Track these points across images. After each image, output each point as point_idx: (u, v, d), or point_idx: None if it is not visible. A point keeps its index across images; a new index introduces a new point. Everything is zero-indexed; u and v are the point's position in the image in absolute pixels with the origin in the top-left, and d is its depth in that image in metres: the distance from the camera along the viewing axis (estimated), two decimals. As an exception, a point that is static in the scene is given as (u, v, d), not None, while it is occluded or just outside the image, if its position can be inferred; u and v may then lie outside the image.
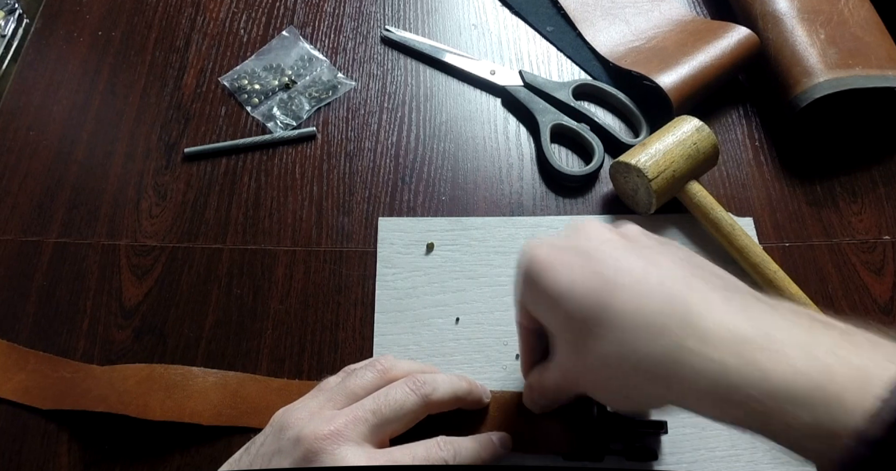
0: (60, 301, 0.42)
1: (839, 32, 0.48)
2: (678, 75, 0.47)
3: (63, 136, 0.49)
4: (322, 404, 0.33)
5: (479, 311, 0.42)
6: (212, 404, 0.38)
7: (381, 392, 0.33)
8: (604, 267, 0.29)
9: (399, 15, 0.55)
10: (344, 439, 0.30)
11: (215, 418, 0.38)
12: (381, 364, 0.36)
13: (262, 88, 0.51)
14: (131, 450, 0.38)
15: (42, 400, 0.39)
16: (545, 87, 0.50)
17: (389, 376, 0.35)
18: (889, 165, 0.49)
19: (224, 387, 0.39)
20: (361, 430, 0.31)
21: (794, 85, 0.47)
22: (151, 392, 0.38)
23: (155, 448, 0.38)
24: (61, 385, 0.39)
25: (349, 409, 0.32)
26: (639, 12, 0.54)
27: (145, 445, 0.38)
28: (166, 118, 0.50)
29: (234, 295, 0.43)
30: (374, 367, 0.35)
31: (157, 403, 0.38)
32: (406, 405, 0.33)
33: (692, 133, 0.43)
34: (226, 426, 0.38)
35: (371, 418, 0.32)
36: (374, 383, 0.34)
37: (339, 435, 0.30)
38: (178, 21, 0.54)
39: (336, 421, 0.31)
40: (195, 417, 0.38)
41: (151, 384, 0.39)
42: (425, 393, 0.34)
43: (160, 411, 0.37)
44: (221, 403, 0.39)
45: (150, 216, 0.46)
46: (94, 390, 0.38)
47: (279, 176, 0.47)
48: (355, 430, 0.31)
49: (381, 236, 0.45)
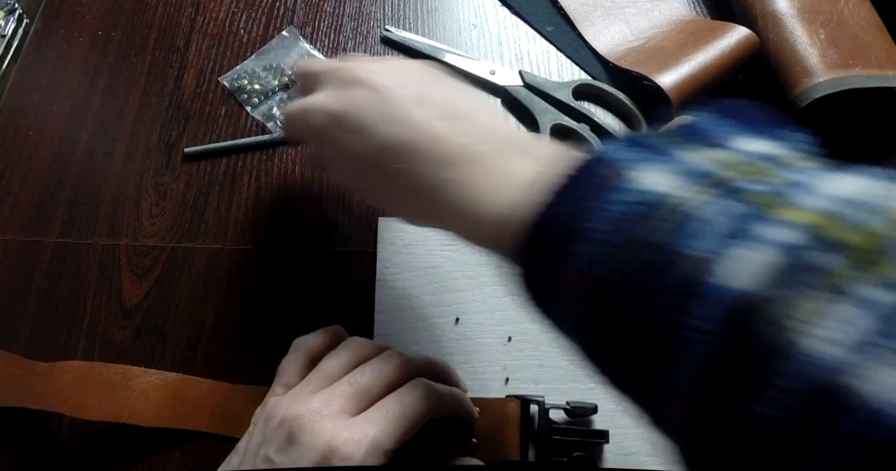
0: (60, 301, 0.42)
1: (839, 32, 0.48)
2: (678, 75, 0.47)
3: (63, 136, 0.49)
4: (301, 388, 0.33)
5: (479, 311, 0.42)
6: (152, 405, 0.37)
7: (357, 368, 0.33)
8: None
9: (399, 15, 0.55)
10: (321, 415, 0.31)
11: (155, 420, 0.37)
12: (356, 343, 0.35)
13: (262, 88, 0.51)
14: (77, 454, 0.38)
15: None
16: (545, 87, 0.50)
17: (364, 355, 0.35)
18: (889, 165, 0.49)
19: (165, 388, 0.38)
20: (339, 402, 0.31)
21: (793, 85, 0.47)
22: (89, 390, 0.37)
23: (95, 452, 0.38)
24: (8, 382, 0.38)
25: (328, 388, 0.33)
26: (639, 12, 0.54)
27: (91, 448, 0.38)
28: (166, 118, 0.50)
29: (234, 295, 0.43)
30: (349, 347, 0.35)
31: (95, 402, 0.37)
32: (384, 370, 0.33)
33: (692, 133, 0.43)
34: (169, 429, 0.37)
35: (348, 389, 0.32)
36: (349, 363, 0.34)
37: (317, 412, 0.31)
38: (179, 21, 0.54)
39: (314, 400, 0.31)
40: (134, 417, 0.37)
41: (89, 382, 0.37)
42: (403, 360, 0.33)
43: (97, 410, 0.37)
44: (162, 404, 0.37)
45: (151, 216, 0.46)
46: (34, 387, 0.37)
47: (279, 176, 0.47)
48: (334, 404, 0.31)
49: (380, 236, 0.45)
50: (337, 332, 0.37)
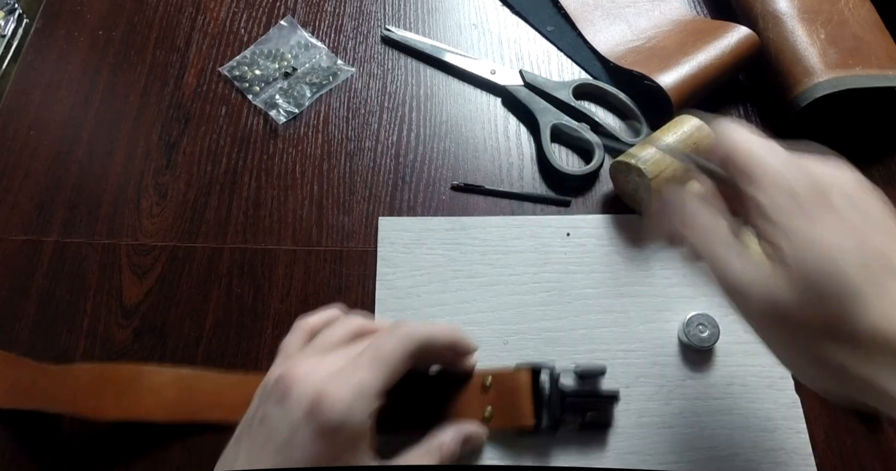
0: (61, 301, 0.42)
1: (839, 32, 0.48)
2: (678, 75, 0.47)
3: (63, 135, 0.49)
4: (298, 355, 0.34)
5: (479, 310, 0.42)
6: (166, 402, 0.38)
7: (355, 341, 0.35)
8: (881, 243, 0.26)
9: (399, 14, 0.55)
10: (313, 371, 0.31)
11: (170, 416, 0.38)
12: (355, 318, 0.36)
13: (262, 75, 0.51)
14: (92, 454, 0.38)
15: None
16: (545, 87, 0.50)
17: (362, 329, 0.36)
18: (889, 164, 0.49)
19: (178, 384, 0.39)
20: (333, 362, 0.32)
21: (794, 84, 0.47)
22: (103, 392, 0.38)
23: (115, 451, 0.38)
24: (20, 384, 0.38)
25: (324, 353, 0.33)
26: (639, 12, 0.54)
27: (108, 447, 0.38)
28: (167, 118, 0.50)
29: (234, 295, 0.43)
30: (349, 321, 0.36)
31: (110, 403, 0.37)
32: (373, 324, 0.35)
33: (692, 132, 0.43)
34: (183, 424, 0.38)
35: (342, 354, 0.33)
36: (347, 334, 0.35)
37: (310, 370, 0.31)
38: (179, 21, 0.54)
39: (309, 362, 0.32)
40: (150, 415, 0.37)
41: (103, 384, 0.38)
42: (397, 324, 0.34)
43: (113, 411, 0.37)
44: (176, 400, 0.38)
45: (151, 216, 0.46)
46: (48, 390, 0.38)
47: (279, 175, 0.47)
48: (327, 364, 0.32)
49: (381, 236, 0.45)
50: (339, 311, 0.37)
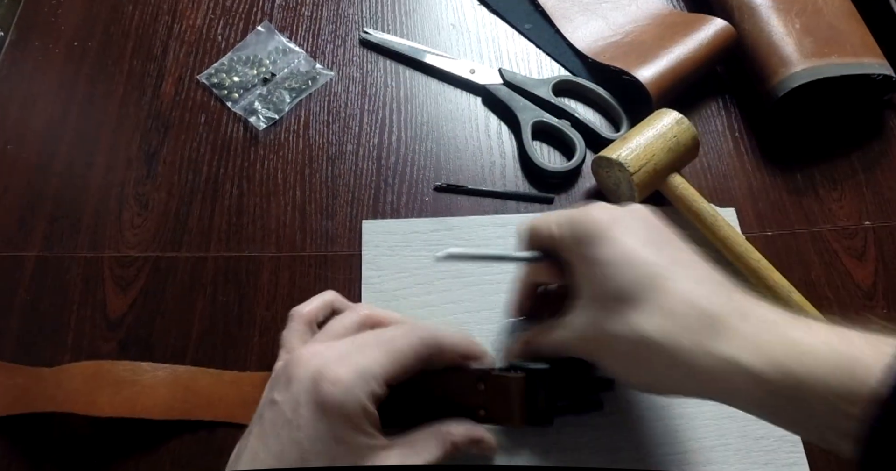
0: (44, 315, 0.42)
1: (814, 21, 0.48)
2: (657, 69, 0.47)
3: (42, 149, 0.48)
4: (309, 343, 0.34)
5: (466, 310, 0.42)
6: (162, 399, 0.38)
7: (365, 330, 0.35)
8: (666, 242, 0.31)
9: (377, 17, 0.55)
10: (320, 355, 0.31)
11: (166, 413, 0.38)
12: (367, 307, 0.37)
13: (241, 81, 0.50)
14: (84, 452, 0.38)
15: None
16: (525, 85, 0.50)
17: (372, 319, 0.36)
18: (867, 151, 0.49)
19: (174, 381, 0.39)
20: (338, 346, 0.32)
21: (771, 75, 0.47)
22: (99, 389, 0.38)
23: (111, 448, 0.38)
24: (14, 392, 0.38)
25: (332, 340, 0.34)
26: (616, 7, 0.54)
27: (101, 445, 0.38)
28: (146, 127, 0.49)
29: (219, 303, 0.43)
30: (359, 310, 0.37)
31: (106, 399, 0.37)
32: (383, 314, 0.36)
33: (672, 126, 0.43)
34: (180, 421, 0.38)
35: (344, 332, 0.33)
36: (355, 324, 0.35)
37: (317, 354, 0.31)
38: (155, 29, 0.54)
39: (315, 346, 0.32)
40: (145, 412, 0.37)
41: (99, 381, 0.38)
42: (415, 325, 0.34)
43: (109, 407, 0.37)
44: (173, 397, 0.38)
45: (133, 227, 0.45)
46: (44, 392, 0.38)
47: (261, 182, 0.47)
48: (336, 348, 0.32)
49: (365, 239, 0.44)
50: (330, 296, 0.38)
